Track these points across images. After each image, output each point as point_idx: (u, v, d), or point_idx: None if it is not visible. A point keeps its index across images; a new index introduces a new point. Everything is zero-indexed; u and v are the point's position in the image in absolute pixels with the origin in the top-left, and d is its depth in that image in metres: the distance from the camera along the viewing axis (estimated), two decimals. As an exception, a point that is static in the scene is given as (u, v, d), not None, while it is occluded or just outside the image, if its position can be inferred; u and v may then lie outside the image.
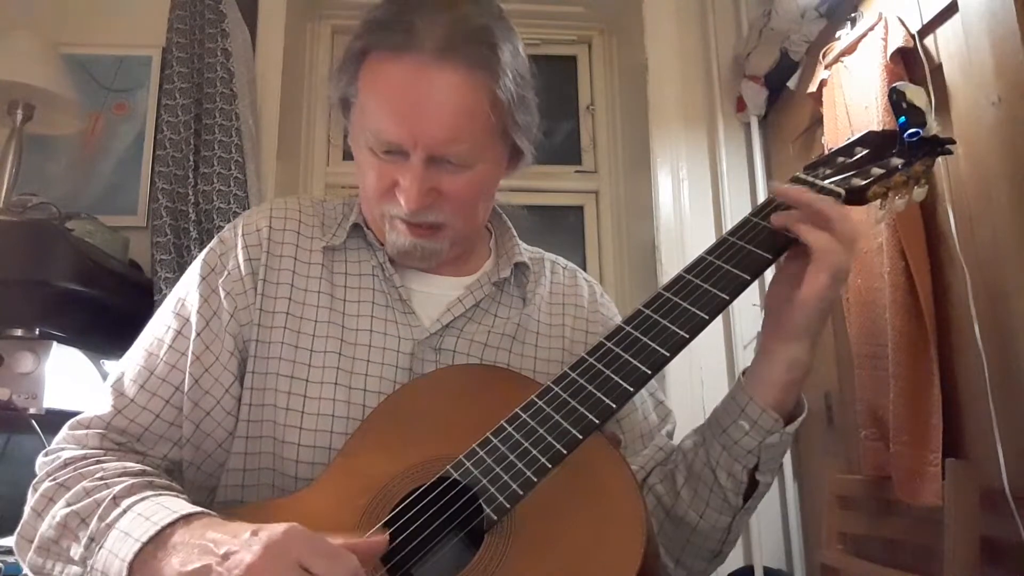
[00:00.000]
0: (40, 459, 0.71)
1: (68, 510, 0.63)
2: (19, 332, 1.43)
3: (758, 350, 0.74)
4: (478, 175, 0.77)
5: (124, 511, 0.61)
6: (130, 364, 0.77)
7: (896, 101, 0.77)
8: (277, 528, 0.53)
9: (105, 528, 0.60)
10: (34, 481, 0.69)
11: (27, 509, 0.67)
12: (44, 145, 1.92)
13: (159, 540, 0.57)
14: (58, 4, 2.10)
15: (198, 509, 0.60)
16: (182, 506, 0.60)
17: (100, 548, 0.59)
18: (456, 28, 0.72)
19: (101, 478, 0.65)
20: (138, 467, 0.69)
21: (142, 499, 0.62)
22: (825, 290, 0.67)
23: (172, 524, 0.58)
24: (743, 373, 0.75)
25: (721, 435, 0.73)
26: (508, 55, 0.76)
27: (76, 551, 0.61)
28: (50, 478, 0.67)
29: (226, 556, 0.52)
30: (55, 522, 0.63)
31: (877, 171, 0.74)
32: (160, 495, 0.63)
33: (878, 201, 0.76)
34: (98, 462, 0.68)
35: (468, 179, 0.76)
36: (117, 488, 0.63)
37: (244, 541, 0.52)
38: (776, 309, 0.71)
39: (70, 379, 1.45)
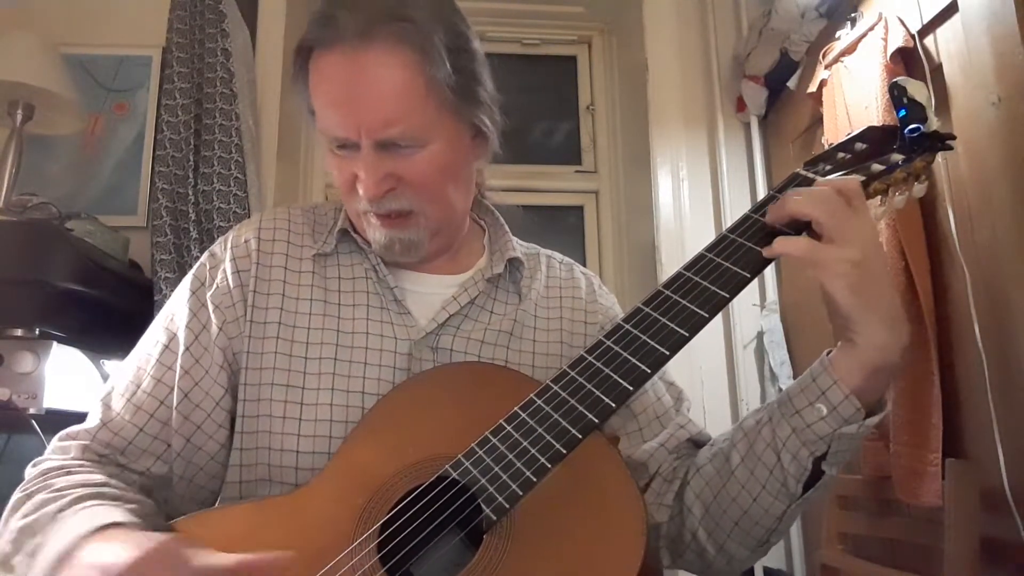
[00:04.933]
0: (28, 469, 0.71)
1: (21, 523, 0.64)
2: (19, 332, 1.43)
3: (838, 335, 0.69)
4: (434, 155, 0.76)
5: (60, 525, 0.62)
6: (120, 379, 0.77)
7: (897, 96, 0.76)
8: (161, 544, 0.54)
9: (41, 542, 0.61)
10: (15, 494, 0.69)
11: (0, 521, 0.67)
12: (44, 145, 1.92)
13: (76, 549, 0.57)
14: (58, 4, 2.10)
15: (120, 521, 0.61)
16: (108, 516, 0.61)
17: (34, 562, 0.61)
18: (374, 10, 0.72)
19: (59, 489, 0.66)
20: (101, 479, 0.68)
21: (78, 510, 0.63)
22: (833, 283, 0.64)
23: (88, 535, 0.58)
24: (827, 353, 0.70)
25: (793, 416, 0.69)
26: (437, 29, 0.75)
27: (22, 562, 0.62)
28: (22, 489, 0.68)
29: (105, 568, 0.53)
30: (11, 535, 0.64)
31: (877, 167, 0.73)
32: (98, 506, 0.64)
33: (878, 198, 0.76)
34: (68, 473, 0.68)
35: (424, 160, 0.75)
36: (64, 500, 0.64)
37: (125, 552, 0.53)
38: (827, 304, 0.68)
39: (70, 379, 1.45)
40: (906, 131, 0.74)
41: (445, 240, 0.85)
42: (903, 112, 0.75)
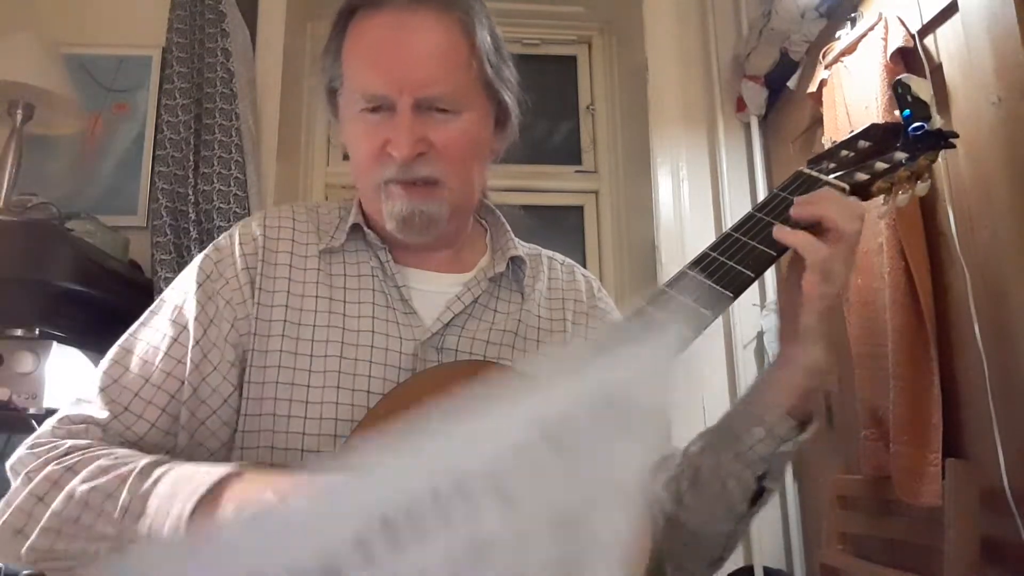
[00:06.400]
0: (24, 451, 0.68)
1: (88, 486, 0.62)
2: (19, 332, 1.43)
3: (779, 355, 0.73)
4: (466, 125, 0.78)
5: (156, 480, 0.61)
6: (122, 370, 0.75)
7: (901, 94, 0.76)
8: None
9: (141, 498, 0.60)
10: (27, 469, 0.66)
11: (21, 495, 0.64)
12: (44, 145, 1.92)
13: (211, 495, 0.57)
14: (58, 4, 2.10)
15: (242, 464, 0.60)
16: (222, 465, 0.60)
17: (141, 516, 0.59)
18: None
19: (117, 457, 0.65)
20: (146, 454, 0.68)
21: (171, 468, 0.62)
22: (817, 288, 0.67)
23: (224, 479, 0.58)
24: (759, 378, 0.75)
25: (734, 442, 0.72)
26: (479, 5, 0.80)
27: (106, 526, 0.60)
28: (53, 463, 0.65)
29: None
30: (73, 500, 0.62)
31: (881, 166, 0.73)
32: (186, 463, 0.63)
33: (881, 196, 0.76)
34: (107, 447, 0.67)
35: (457, 129, 0.77)
36: (141, 463, 0.63)
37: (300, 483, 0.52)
38: (787, 315, 0.71)
39: (70, 379, 1.45)
40: (910, 129, 0.74)
41: (456, 225, 0.85)
42: (907, 111, 0.75)
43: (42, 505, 0.63)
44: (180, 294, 0.79)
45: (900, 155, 0.74)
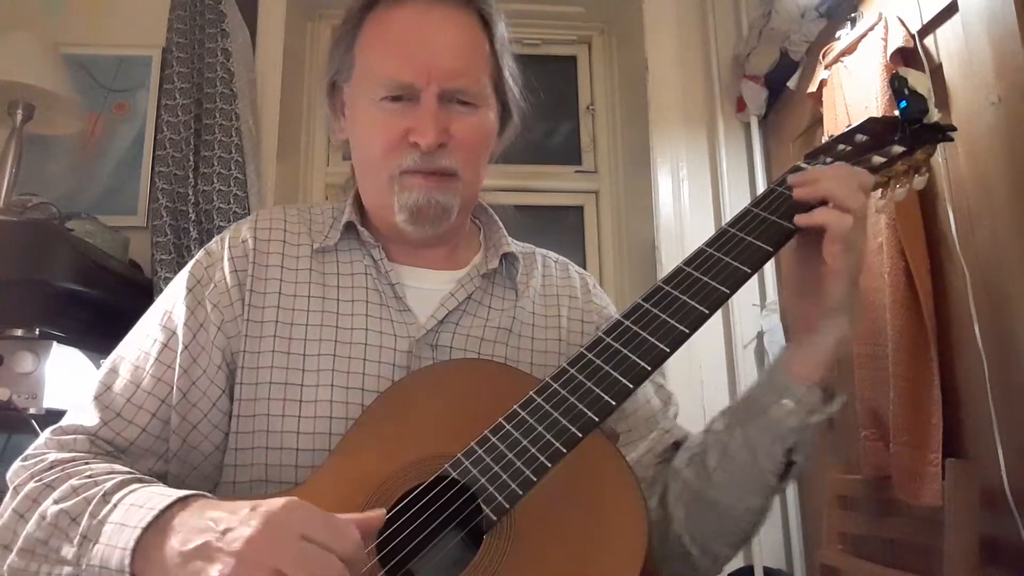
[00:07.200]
0: (18, 463, 0.70)
1: (57, 508, 0.62)
2: (19, 332, 1.43)
3: (798, 331, 0.72)
4: (483, 121, 0.80)
5: (115, 505, 0.60)
6: (115, 377, 0.76)
7: (898, 87, 0.76)
8: (276, 502, 0.53)
9: (98, 525, 0.60)
10: (15, 483, 0.67)
11: (7, 512, 0.65)
12: (44, 145, 1.92)
13: (158, 525, 0.56)
14: (58, 4, 2.10)
15: (194, 492, 0.59)
16: (176, 491, 0.59)
17: (95, 544, 0.59)
18: None
19: (90, 476, 0.64)
20: (125, 468, 0.68)
21: (132, 491, 0.61)
22: (841, 259, 0.66)
23: (169, 508, 0.57)
24: (782, 351, 0.73)
25: (762, 416, 0.71)
26: (497, 11, 0.83)
27: (68, 551, 0.60)
28: (35, 479, 0.66)
29: (225, 532, 0.52)
30: (45, 522, 0.62)
31: (879, 160, 0.73)
32: (150, 486, 0.63)
33: (879, 191, 0.75)
34: (86, 463, 0.67)
35: (475, 123, 0.79)
36: (108, 485, 0.62)
37: (243, 516, 0.52)
38: (811, 290, 0.69)
39: (70, 379, 1.45)
40: (907, 123, 0.74)
41: (459, 220, 0.85)
42: (904, 103, 0.75)
43: (23, 522, 0.64)
44: (171, 299, 0.80)
45: (897, 149, 0.73)
